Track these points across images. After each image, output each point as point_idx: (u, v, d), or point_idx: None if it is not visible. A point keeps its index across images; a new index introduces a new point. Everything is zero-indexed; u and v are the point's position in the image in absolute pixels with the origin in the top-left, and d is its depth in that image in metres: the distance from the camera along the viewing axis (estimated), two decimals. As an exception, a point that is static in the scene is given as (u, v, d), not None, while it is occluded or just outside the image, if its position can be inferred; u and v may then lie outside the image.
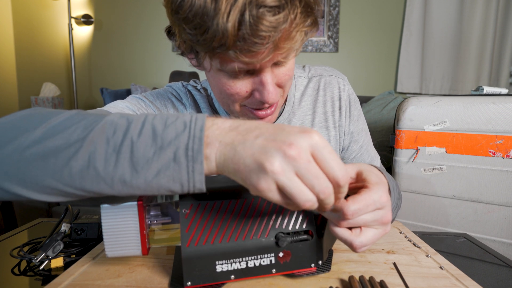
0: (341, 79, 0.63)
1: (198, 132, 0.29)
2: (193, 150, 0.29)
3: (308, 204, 0.28)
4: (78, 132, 0.30)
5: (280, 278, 0.39)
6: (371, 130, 0.75)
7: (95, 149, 0.29)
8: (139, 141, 0.29)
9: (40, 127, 0.31)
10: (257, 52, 0.39)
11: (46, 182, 0.30)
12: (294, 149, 0.27)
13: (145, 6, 2.29)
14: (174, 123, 0.30)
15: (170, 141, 0.29)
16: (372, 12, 2.25)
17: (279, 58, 0.43)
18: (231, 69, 0.43)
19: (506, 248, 1.03)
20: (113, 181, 0.30)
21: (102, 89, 2.01)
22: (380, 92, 2.29)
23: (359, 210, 0.33)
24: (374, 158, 0.69)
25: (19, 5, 2.30)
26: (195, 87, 0.62)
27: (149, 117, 0.32)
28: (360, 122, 0.65)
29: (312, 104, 0.62)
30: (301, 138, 0.28)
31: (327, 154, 0.28)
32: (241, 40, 0.37)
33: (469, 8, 2.11)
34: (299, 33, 0.40)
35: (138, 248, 0.37)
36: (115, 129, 0.30)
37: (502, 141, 1.01)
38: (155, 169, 0.29)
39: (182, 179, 0.29)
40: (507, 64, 2.12)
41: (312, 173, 0.27)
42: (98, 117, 0.32)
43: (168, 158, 0.29)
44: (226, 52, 0.39)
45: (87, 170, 0.29)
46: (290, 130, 0.29)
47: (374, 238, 0.35)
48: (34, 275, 0.45)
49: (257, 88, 0.46)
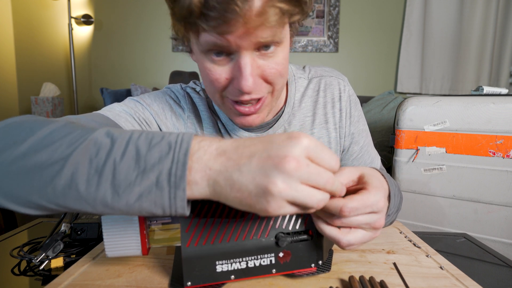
0: (341, 80, 0.63)
1: (182, 157, 0.28)
2: (176, 176, 0.28)
3: (322, 203, 0.29)
4: (62, 148, 0.30)
5: (280, 278, 0.39)
6: (371, 130, 0.75)
7: (78, 169, 0.29)
8: (122, 163, 0.29)
9: (27, 140, 0.31)
10: (226, 22, 0.37)
11: (31, 197, 0.30)
12: (290, 161, 0.27)
13: (145, 6, 2.29)
14: (159, 144, 0.29)
15: (153, 165, 0.28)
16: (372, 12, 2.25)
17: (258, 38, 0.40)
18: (207, 45, 0.42)
19: (506, 248, 1.03)
20: (95, 202, 0.29)
21: (102, 89, 2.01)
22: (380, 92, 2.29)
23: (356, 209, 0.33)
24: (374, 159, 0.68)
25: (19, 5, 2.30)
26: (194, 89, 0.61)
27: (134, 135, 0.31)
28: (361, 123, 0.65)
29: (312, 105, 0.62)
30: (292, 147, 0.28)
31: (319, 152, 0.29)
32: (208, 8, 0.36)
33: (469, 8, 2.11)
34: (273, 9, 0.38)
35: (138, 248, 0.37)
36: (98, 148, 0.29)
37: (502, 141, 1.01)
38: (137, 193, 0.28)
39: (164, 204, 0.29)
40: (507, 64, 2.13)
41: (314, 173, 0.28)
42: (84, 132, 0.31)
43: (151, 182, 0.28)
44: (196, 22, 0.38)
45: (69, 190, 0.29)
46: (279, 141, 0.29)
47: (362, 239, 0.35)
48: (34, 275, 0.45)
49: (235, 75, 0.44)
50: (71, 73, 2.26)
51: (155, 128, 0.56)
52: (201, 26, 0.38)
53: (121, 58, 2.35)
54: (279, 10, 0.38)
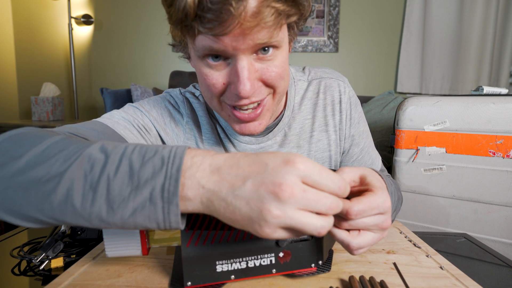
0: (341, 82, 0.62)
1: (175, 173, 0.28)
2: (169, 192, 0.28)
3: (323, 230, 0.28)
4: (57, 164, 0.30)
5: (280, 278, 0.39)
6: (371, 130, 0.75)
7: (73, 185, 0.29)
8: (116, 179, 0.29)
9: (25, 155, 0.31)
10: (221, 23, 0.37)
11: (30, 212, 0.30)
12: (285, 189, 0.26)
13: (145, 6, 2.29)
14: (151, 159, 0.30)
15: (147, 180, 0.29)
16: (372, 12, 2.25)
17: (255, 39, 0.39)
18: (203, 49, 0.41)
19: (506, 248, 1.03)
20: (90, 217, 0.29)
21: (102, 89, 2.01)
22: (380, 92, 2.29)
23: (363, 212, 0.33)
24: (375, 160, 0.68)
25: (19, 5, 2.30)
26: (193, 94, 0.61)
27: (128, 150, 0.31)
28: (361, 124, 0.64)
29: (312, 108, 0.61)
30: (287, 173, 0.27)
31: (317, 176, 0.28)
32: (203, 10, 0.36)
33: (469, 8, 2.11)
34: (268, 9, 0.37)
35: (138, 248, 0.37)
36: (92, 164, 0.30)
37: (502, 141, 1.01)
38: (131, 208, 0.29)
39: (158, 219, 0.29)
40: (507, 64, 2.13)
41: (311, 199, 0.27)
42: (79, 147, 0.32)
43: (144, 198, 0.28)
44: (192, 25, 0.38)
45: (66, 206, 0.29)
46: (274, 165, 0.28)
47: (371, 241, 0.35)
48: (34, 275, 0.45)
49: (232, 79, 0.43)
50: (71, 73, 2.26)
51: (154, 134, 0.56)
52: (197, 28, 0.38)
53: (121, 58, 2.35)
54: (275, 10, 0.38)
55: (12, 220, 0.31)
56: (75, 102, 2.28)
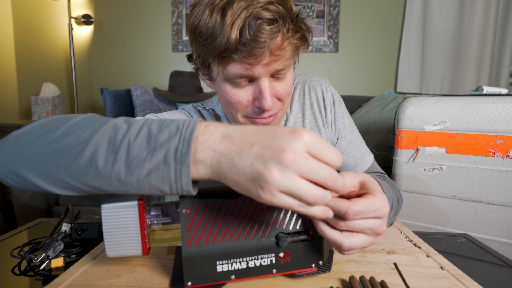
0: (323, 82, 0.70)
1: (188, 136, 0.31)
2: (181, 153, 0.31)
3: (319, 199, 0.29)
4: (87, 132, 0.34)
5: (280, 278, 0.39)
6: (371, 130, 0.78)
7: (98, 148, 0.32)
8: (135, 143, 0.32)
9: (60, 128, 0.35)
10: (255, 55, 0.46)
11: (59, 176, 0.34)
12: (288, 153, 0.28)
13: (145, 6, 2.29)
14: (168, 126, 0.33)
15: (162, 144, 0.31)
16: (372, 12, 2.25)
17: (275, 66, 0.49)
18: (234, 75, 0.50)
19: (506, 248, 1.03)
20: (110, 178, 0.32)
21: (102, 89, 2.01)
22: (380, 92, 2.29)
23: (361, 213, 0.33)
24: (365, 155, 0.71)
25: (19, 5, 2.30)
26: (204, 107, 0.69)
27: (148, 120, 0.34)
28: (346, 120, 0.70)
29: (301, 108, 0.69)
30: (292, 141, 0.29)
31: (320, 147, 0.30)
32: (242, 45, 0.45)
33: (469, 8, 2.11)
34: (290, 45, 0.48)
35: (139, 248, 0.37)
36: (116, 131, 0.33)
37: (502, 141, 1.01)
38: (146, 169, 0.31)
39: (171, 179, 0.31)
40: (507, 64, 2.12)
41: (312, 167, 0.29)
42: (106, 120, 0.36)
43: (159, 159, 0.31)
44: (230, 56, 0.47)
45: (90, 167, 0.32)
46: (281, 134, 0.30)
47: (363, 244, 0.35)
48: (34, 275, 0.45)
49: (256, 96, 0.52)
50: (71, 73, 2.25)
51: None
52: (234, 58, 0.47)
53: (121, 58, 2.35)
54: (293, 45, 0.49)
55: (43, 184, 0.35)
56: (75, 102, 2.28)
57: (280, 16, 0.46)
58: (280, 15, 0.46)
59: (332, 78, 2.32)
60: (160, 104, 1.93)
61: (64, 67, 2.37)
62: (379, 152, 1.56)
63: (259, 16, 0.45)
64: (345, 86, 2.33)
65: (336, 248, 0.35)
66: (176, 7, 2.27)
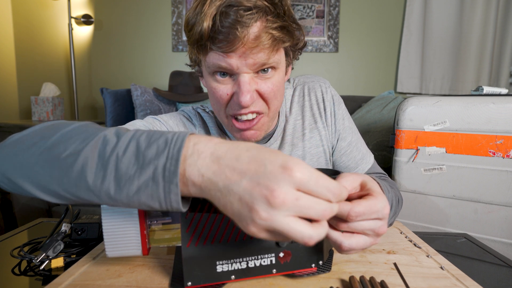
0: (322, 83, 0.69)
1: (176, 154, 0.30)
2: (170, 172, 0.30)
3: (311, 241, 0.27)
4: (77, 143, 0.33)
5: (280, 278, 0.39)
6: (371, 130, 0.78)
7: (87, 162, 0.32)
8: (124, 158, 0.31)
9: (53, 136, 0.35)
10: (229, 42, 0.46)
11: (52, 187, 0.33)
12: (277, 196, 0.26)
13: (145, 6, 2.29)
14: (157, 141, 0.32)
15: (150, 160, 0.30)
16: (372, 12, 2.25)
17: (254, 58, 0.49)
18: (213, 65, 0.50)
19: (506, 248, 1.03)
20: (100, 193, 0.32)
21: (102, 89, 2.01)
22: (380, 92, 2.29)
23: (363, 214, 0.33)
24: (365, 155, 0.71)
25: (19, 5, 2.30)
26: (204, 109, 0.69)
27: (137, 133, 0.33)
28: (346, 121, 0.70)
29: (300, 109, 0.69)
30: (282, 180, 0.27)
31: (313, 185, 0.27)
32: (216, 33, 0.46)
33: (469, 8, 2.11)
34: (266, 34, 0.47)
35: (139, 248, 0.37)
36: (106, 144, 0.32)
37: (502, 141, 1.01)
38: (136, 187, 0.31)
39: (160, 197, 0.31)
40: (507, 64, 2.12)
41: (304, 207, 0.27)
42: (97, 130, 0.35)
43: (148, 176, 0.30)
44: (205, 45, 0.48)
45: (80, 181, 0.32)
46: (271, 170, 0.27)
47: (363, 244, 0.35)
48: (34, 275, 0.45)
49: (235, 91, 0.52)
50: (71, 73, 2.25)
51: None
52: (209, 46, 0.48)
53: (121, 58, 2.35)
54: (271, 36, 0.48)
55: (38, 193, 0.35)
56: (75, 102, 2.28)
57: (256, 5, 0.46)
58: (256, 5, 0.46)
59: (332, 78, 2.32)
60: (160, 104, 1.93)
61: (64, 67, 2.37)
62: (379, 152, 1.56)
63: (234, 3, 0.46)
64: (345, 86, 2.33)
65: (336, 248, 0.35)
66: (176, 7, 2.27)
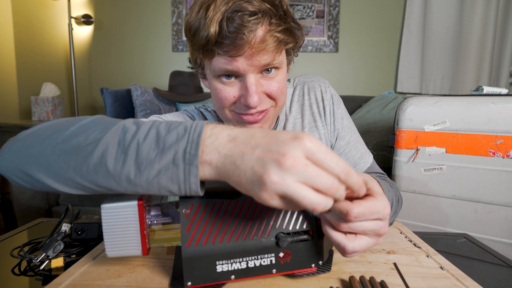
0: (322, 83, 0.70)
1: (196, 138, 0.32)
2: (190, 154, 0.31)
3: (319, 207, 0.29)
4: (96, 133, 0.34)
5: (280, 278, 0.39)
6: (371, 130, 0.78)
7: (107, 149, 0.33)
8: (144, 144, 0.33)
9: (70, 128, 0.36)
10: (236, 47, 0.47)
11: (69, 175, 0.34)
12: (288, 158, 0.28)
13: (145, 6, 2.29)
14: (176, 128, 0.33)
15: (171, 145, 0.32)
16: (372, 12, 2.25)
17: (259, 61, 0.50)
18: (219, 69, 0.51)
19: (506, 248, 1.03)
20: (120, 178, 0.33)
21: (102, 89, 2.01)
22: (380, 92, 2.29)
23: (363, 215, 0.33)
24: (364, 155, 0.71)
25: (19, 5, 2.30)
26: (206, 109, 0.70)
27: (156, 122, 0.35)
28: (345, 120, 0.71)
29: (300, 108, 0.70)
30: (293, 146, 0.29)
31: (321, 155, 0.29)
32: (223, 37, 0.47)
33: (469, 8, 2.11)
34: (272, 38, 0.48)
35: (139, 248, 0.37)
36: (125, 132, 0.34)
37: (502, 141, 1.01)
38: (156, 170, 0.32)
39: (180, 180, 0.32)
40: (507, 64, 2.12)
41: (312, 174, 0.28)
42: (115, 121, 0.36)
43: (168, 160, 0.32)
44: (212, 50, 0.49)
45: (100, 167, 0.33)
46: (283, 139, 0.30)
47: (366, 246, 0.35)
48: (34, 275, 0.45)
49: (242, 93, 0.53)
50: (71, 73, 2.25)
51: None
52: (216, 51, 0.49)
53: (121, 58, 2.35)
54: (276, 39, 0.49)
55: (51, 182, 0.35)
56: (75, 102, 2.28)
57: (261, 9, 0.47)
58: (261, 9, 0.47)
59: (332, 78, 2.32)
60: (160, 104, 1.93)
61: (64, 67, 2.37)
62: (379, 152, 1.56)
63: (239, 9, 0.46)
64: (345, 86, 2.33)
65: (339, 250, 0.35)
66: (176, 7, 2.27)
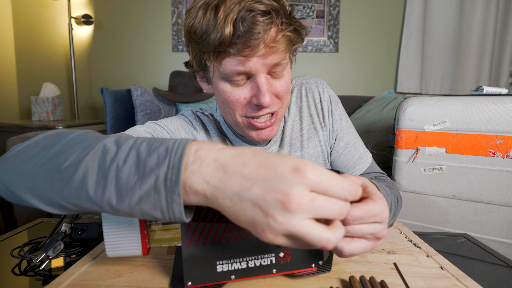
0: (320, 84, 0.70)
1: (177, 162, 0.29)
2: (171, 181, 0.29)
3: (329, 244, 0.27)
4: (77, 153, 0.33)
5: (280, 278, 0.39)
6: (371, 130, 0.78)
7: (87, 173, 0.31)
8: (124, 168, 0.30)
9: (54, 146, 0.35)
10: (251, 47, 0.47)
11: (54, 198, 0.33)
12: (293, 199, 0.26)
13: (145, 6, 2.29)
14: (157, 149, 0.31)
15: (151, 169, 0.30)
16: (372, 12, 2.25)
17: (271, 60, 0.50)
18: (231, 71, 0.50)
19: (506, 248, 1.03)
20: (102, 204, 0.31)
21: (102, 89, 2.01)
22: (380, 92, 2.29)
23: (361, 218, 0.32)
24: (363, 155, 0.71)
25: (19, 5, 2.30)
26: (203, 113, 0.69)
27: (138, 141, 0.33)
28: (344, 120, 0.70)
29: (298, 110, 0.69)
30: (295, 183, 0.26)
31: (326, 183, 0.27)
32: (237, 38, 0.46)
33: (469, 8, 2.11)
34: (284, 37, 0.49)
35: (139, 248, 0.37)
36: (105, 154, 0.32)
37: (502, 141, 1.01)
38: (137, 196, 0.30)
39: (162, 207, 0.30)
40: (507, 64, 2.12)
41: (319, 207, 0.27)
42: (97, 139, 0.34)
43: (149, 186, 0.29)
44: (225, 50, 0.48)
45: (81, 192, 0.31)
46: (282, 173, 0.27)
47: (364, 249, 0.35)
48: (34, 275, 0.45)
49: (254, 93, 0.52)
50: (71, 73, 2.25)
51: None
52: (229, 52, 0.48)
53: (121, 58, 2.35)
54: (288, 38, 0.50)
55: (40, 205, 0.34)
56: (75, 102, 2.28)
57: (273, 8, 0.47)
58: (272, 7, 0.47)
59: (332, 78, 2.32)
60: (160, 104, 1.93)
61: (64, 67, 2.37)
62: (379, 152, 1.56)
63: (252, 8, 0.46)
64: (345, 86, 2.33)
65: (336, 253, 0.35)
66: (176, 7, 2.27)
